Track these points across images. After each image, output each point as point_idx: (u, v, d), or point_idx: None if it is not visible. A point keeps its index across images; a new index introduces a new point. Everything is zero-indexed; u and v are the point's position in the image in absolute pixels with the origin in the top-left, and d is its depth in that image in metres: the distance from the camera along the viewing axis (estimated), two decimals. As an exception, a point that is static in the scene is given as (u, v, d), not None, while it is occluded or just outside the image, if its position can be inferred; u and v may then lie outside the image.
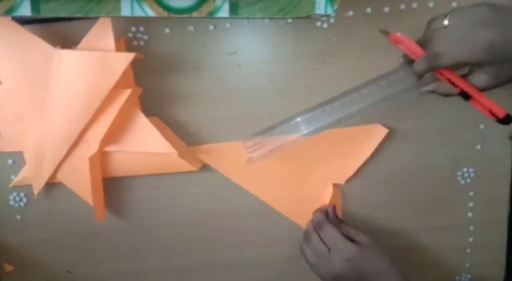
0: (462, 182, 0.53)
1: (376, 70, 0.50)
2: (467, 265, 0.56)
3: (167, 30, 0.48)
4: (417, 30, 0.49)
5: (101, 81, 0.43)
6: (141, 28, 0.47)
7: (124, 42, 0.47)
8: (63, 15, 0.39)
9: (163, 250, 0.53)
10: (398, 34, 0.43)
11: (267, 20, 0.49)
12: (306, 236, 0.50)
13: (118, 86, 0.43)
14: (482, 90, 0.41)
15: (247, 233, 0.54)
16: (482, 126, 0.52)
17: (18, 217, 0.51)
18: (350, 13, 0.49)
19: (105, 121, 0.45)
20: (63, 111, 0.44)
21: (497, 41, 0.37)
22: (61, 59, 0.43)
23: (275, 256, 0.55)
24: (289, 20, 0.49)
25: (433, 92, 0.44)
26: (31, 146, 0.46)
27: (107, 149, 0.47)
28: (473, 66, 0.40)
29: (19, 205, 0.50)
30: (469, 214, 0.55)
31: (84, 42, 0.44)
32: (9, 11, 0.38)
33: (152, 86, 0.49)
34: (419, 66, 0.41)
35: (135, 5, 0.39)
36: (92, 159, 0.46)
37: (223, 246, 0.54)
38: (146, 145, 0.46)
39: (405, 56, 0.44)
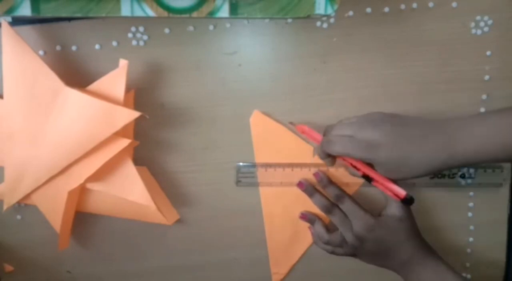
0: (462, 182, 0.53)
1: (376, 70, 0.50)
2: (467, 265, 0.56)
3: (167, 30, 0.48)
4: (417, 30, 0.49)
5: (100, 128, 0.44)
6: (141, 28, 0.47)
7: (133, 95, 0.48)
8: (63, 15, 0.39)
9: (163, 250, 0.53)
10: (302, 125, 0.49)
11: (267, 20, 0.49)
12: (329, 211, 0.50)
13: (117, 133, 0.44)
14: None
15: (248, 233, 0.53)
16: (482, 126, 0.52)
17: (18, 217, 0.51)
18: (350, 13, 0.49)
19: (95, 162, 0.45)
20: (55, 143, 0.45)
21: (378, 144, 0.42)
22: (68, 97, 0.44)
23: (275, 256, 0.55)
24: (289, 20, 0.49)
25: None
26: (13, 164, 0.46)
27: (89, 186, 0.47)
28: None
29: (19, 205, 0.50)
30: (469, 214, 0.55)
31: (96, 84, 0.45)
32: (9, 11, 0.38)
33: (152, 87, 0.49)
34: (316, 150, 0.47)
35: (135, 5, 0.39)
36: (71, 193, 0.46)
37: (223, 246, 0.54)
38: (129, 192, 0.47)
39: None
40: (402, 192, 0.45)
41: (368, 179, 0.45)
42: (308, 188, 0.51)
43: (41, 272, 0.53)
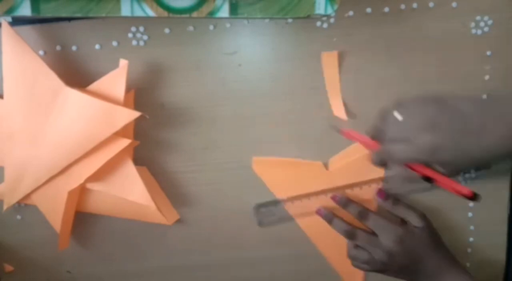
0: (462, 182, 0.53)
1: (376, 70, 0.50)
2: (467, 265, 0.56)
3: (167, 30, 0.48)
4: (417, 30, 0.49)
5: (100, 128, 0.44)
6: (141, 28, 0.47)
7: (133, 95, 0.48)
8: (63, 15, 0.39)
9: (163, 250, 0.53)
10: (350, 130, 0.47)
11: (267, 20, 0.49)
12: (351, 235, 0.49)
13: (117, 133, 0.44)
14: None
15: (248, 233, 0.53)
16: (482, 126, 0.52)
17: (18, 217, 0.51)
18: (350, 13, 0.49)
19: (95, 162, 0.45)
20: (55, 143, 0.45)
21: (441, 146, 0.40)
22: (68, 97, 0.44)
23: (276, 257, 0.55)
24: (289, 20, 0.48)
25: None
26: (13, 164, 0.46)
27: (89, 186, 0.47)
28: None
29: (19, 205, 0.50)
30: (469, 214, 0.55)
31: (96, 85, 0.45)
32: (9, 11, 0.38)
33: (152, 87, 0.49)
34: (374, 159, 0.44)
35: (135, 5, 0.39)
36: (71, 193, 0.46)
37: (223, 246, 0.54)
38: (129, 192, 0.47)
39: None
40: (467, 190, 0.43)
41: (428, 180, 0.43)
42: (326, 215, 0.51)
43: (41, 272, 0.53)
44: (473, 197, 0.43)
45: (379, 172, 0.52)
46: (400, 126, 0.42)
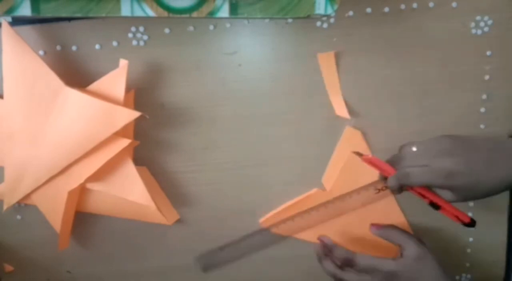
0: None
1: (376, 70, 0.50)
2: (467, 265, 0.56)
3: (167, 30, 0.48)
4: (417, 30, 0.50)
5: (100, 129, 0.44)
6: (141, 28, 0.47)
7: (133, 95, 0.48)
8: (63, 15, 0.39)
9: (163, 250, 0.53)
10: (370, 156, 0.49)
11: (267, 20, 0.49)
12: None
13: (117, 133, 0.44)
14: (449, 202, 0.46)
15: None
16: (482, 126, 0.52)
17: (18, 217, 0.51)
18: (350, 13, 0.49)
19: (95, 162, 0.45)
20: (55, 143, 0.45)
21: (456, 171, 0.42)
22: (68, 98, 0.44)
23: (276, 257, 0.55)
24: (289, 20, 0.49)
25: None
26: (13, 164, 0.46)
27: (89, 186, 0.47)
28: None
29: (19, 205, 0.50)
30: (469, 214, 0.55)
31: (96, 85, 0.45)
32: (9, 11, 0.38)
33: (152, 87, 0.49)
34: (391, 182, 0.45)
35: (135, 5, 0.39)
36: (71, 193, 0.46)
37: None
38: (129, 192, 0.47)
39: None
40: (467, 217, 0.47)
41: (434, 206, 0.46)
42: (320, 251, 0.51)
43: (41, 272, 0.53)
44: (471, 223, 0.48)
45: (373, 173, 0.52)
46: (418, 154, 0.45)
